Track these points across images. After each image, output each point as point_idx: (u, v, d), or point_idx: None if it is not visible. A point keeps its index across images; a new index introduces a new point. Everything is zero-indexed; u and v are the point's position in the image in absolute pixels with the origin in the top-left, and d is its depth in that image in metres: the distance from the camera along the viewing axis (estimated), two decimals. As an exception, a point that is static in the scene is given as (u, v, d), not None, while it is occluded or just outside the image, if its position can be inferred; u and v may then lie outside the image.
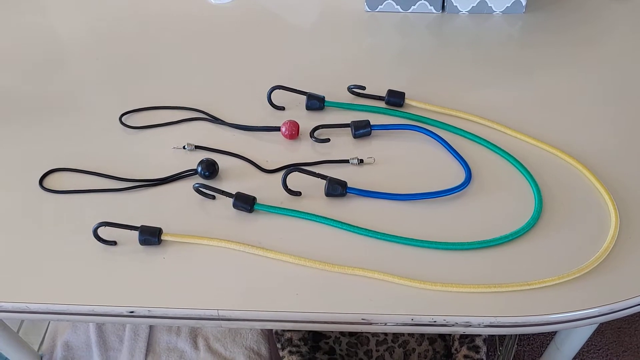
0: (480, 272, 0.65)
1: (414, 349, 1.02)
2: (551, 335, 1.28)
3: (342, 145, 0.79)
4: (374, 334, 1.03)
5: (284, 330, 0.97)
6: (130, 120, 0.84)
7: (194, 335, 1.13)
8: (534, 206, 0.70)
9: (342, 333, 1.04)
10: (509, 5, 0.98)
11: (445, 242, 0.67)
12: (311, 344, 1.01)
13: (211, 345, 1.12)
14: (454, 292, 0.63)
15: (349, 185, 0.72)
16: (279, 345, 0.97)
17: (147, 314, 0.64)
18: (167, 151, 0.79)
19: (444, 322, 0.62)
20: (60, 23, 1.04)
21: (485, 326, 0.62)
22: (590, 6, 1.01)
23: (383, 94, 0.84)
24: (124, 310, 0.64)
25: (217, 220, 0.71)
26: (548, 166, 0.75)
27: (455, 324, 0.62)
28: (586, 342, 1.29)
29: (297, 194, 0.73)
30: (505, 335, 1.14)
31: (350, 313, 0.62)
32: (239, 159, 0.78)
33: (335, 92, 0.85)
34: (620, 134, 0.79)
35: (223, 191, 0.71)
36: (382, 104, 0.84)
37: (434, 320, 0.62)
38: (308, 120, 0.82)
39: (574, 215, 0.70)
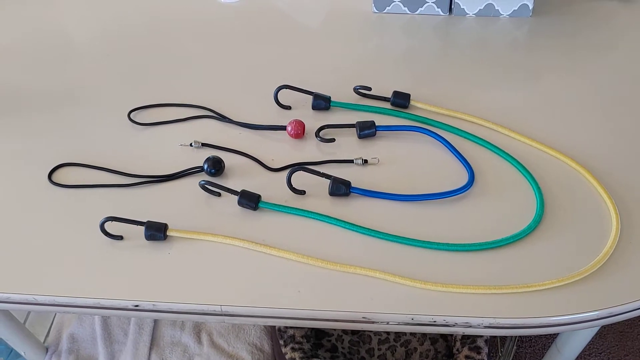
0: (481, 273, 0.65)
1: (415, 349, 1.03)
2: (552, 337, 1.28)
3: (347, 145, 0.80)
4: (376, 333, 1.04)
5: (286, 327, 0.98)
6: (139, 116, 0.85)
7: (197, 330, 1.14)
8: (535, 209, 0.71)
9: (344, 331, 1.04)
10: (515, 8, 0.99)
11: (447, 243, 0.68)
12: (314, 342, 1.02)
13: (214, 340, 1.13)
14: (455, 293, 0.64)
15: (352, 185, 0.73)
16: (281, 342, 0.97)
17: (151, 308, 0.65)
18: (174, 148, 0.80)
19: (444, 322, 0.63)
20: (72, 19, 1.05)
21: (485, 327, 0.62)
22: (598, 11, 1.01)
23: (389, 95, 0.84)
24: (129, 304, 0.65)
25: (222, 217, 0.72)
26: (551, 169, 0.75)
27: (455, 324, 0.63)
28: (588, 344, 1.29)
29: (302, 192, 0.74)
30: (506, 337, 1.14)
31: (351, 311, 0.63)
32: (244, 157, 0.79)
33: (341, 92, 0.86)
34: (624, 139, 0.79)
35: (228, 188, 0.72)
36: (387, 105, 0.85)
37: (434, 320, 0.62)
38: (314, 120, 0.83)
39: (576, 219, 0.70)
